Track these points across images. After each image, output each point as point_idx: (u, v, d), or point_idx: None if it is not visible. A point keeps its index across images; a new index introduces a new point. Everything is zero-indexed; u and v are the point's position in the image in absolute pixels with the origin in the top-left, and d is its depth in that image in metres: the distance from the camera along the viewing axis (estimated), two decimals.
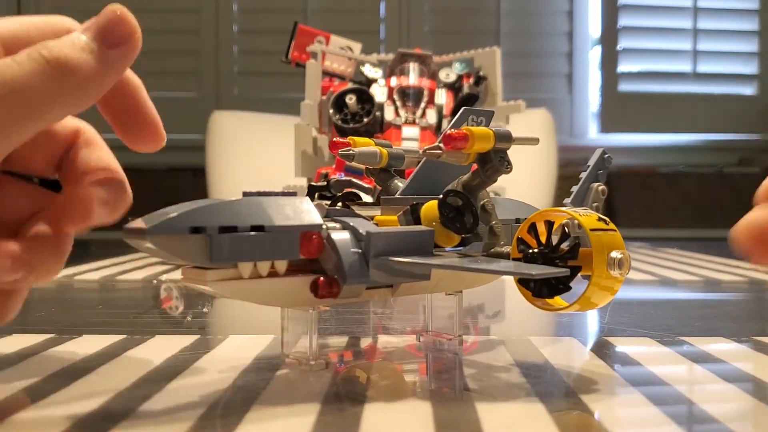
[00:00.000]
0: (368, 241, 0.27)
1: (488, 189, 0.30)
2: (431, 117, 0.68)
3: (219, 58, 1.74)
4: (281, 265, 0.26)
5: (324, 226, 0.27)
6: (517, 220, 0.32)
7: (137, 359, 0.31)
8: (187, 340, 0.34)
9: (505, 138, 0.29)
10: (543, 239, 0.28)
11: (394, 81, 0.69)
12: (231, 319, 0.44)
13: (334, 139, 0.30)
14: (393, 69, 0.71)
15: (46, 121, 0.24)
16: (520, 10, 1.78)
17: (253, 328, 0.40)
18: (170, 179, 1.68)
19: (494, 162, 0.28)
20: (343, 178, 0.32)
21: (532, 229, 0.28)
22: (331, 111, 0.67)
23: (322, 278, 0.27)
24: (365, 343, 0.35)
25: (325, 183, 0.32)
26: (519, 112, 0.68)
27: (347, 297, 0.27)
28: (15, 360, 0.30)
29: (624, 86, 1.81)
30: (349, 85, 0.70)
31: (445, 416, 0.23)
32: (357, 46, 0.75)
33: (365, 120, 0.66)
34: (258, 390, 0.25)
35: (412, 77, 0.69)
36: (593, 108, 1.83)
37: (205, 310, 0.45)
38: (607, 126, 1.81)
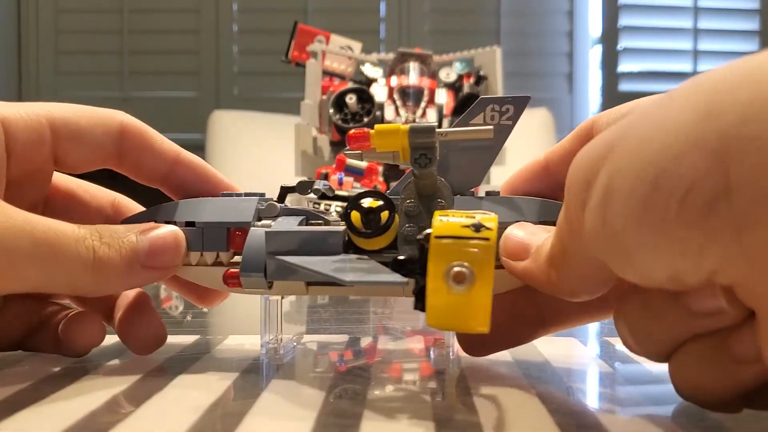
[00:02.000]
0: (266, 240, 0.27)
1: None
2: (431, 117, 0.68)
3: (219, 57, 1.74)
4: (225, 256, 0.30)
5: (254, 224, 0.29)
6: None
7: (137, 359, 0.31)
8: (187, 340, 0.34)
9: (422, 132, 0.26)
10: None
11: (394, 80, 0.69)
12: (231, 320, 0.44)
13: (352, 131, 0.28)
14: (393, 68, 0.71)
15: (43, 289, 0.28)
16: (520, 9, 1.78)
17: (253, 328, 0.40)
18: None
19: (411, 160, 0.26)
20: (307, 181, 0.31)
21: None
22: (331, 111, 0.67)
23: (230, 270, 0.29)
24: (365, 342, 0.35)
25: (294, 185, 0.31)
26: None
27: (252, 288, 0.28)
28: (14, 360, 0.30)
29: (624, 86, 1.81)
30: (350, 85, 0.70)
31: (444, 416, 0.23)
32: (357, 46, 0.75)
33: (365, 119, 0.66)
34: (258, 390, 0.25)
35: (413, 77, 0.69)
36: (593, 108, 1.83)
37: (205, 309, 0.45)
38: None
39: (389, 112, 0.67)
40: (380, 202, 0.27)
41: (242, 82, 1.75)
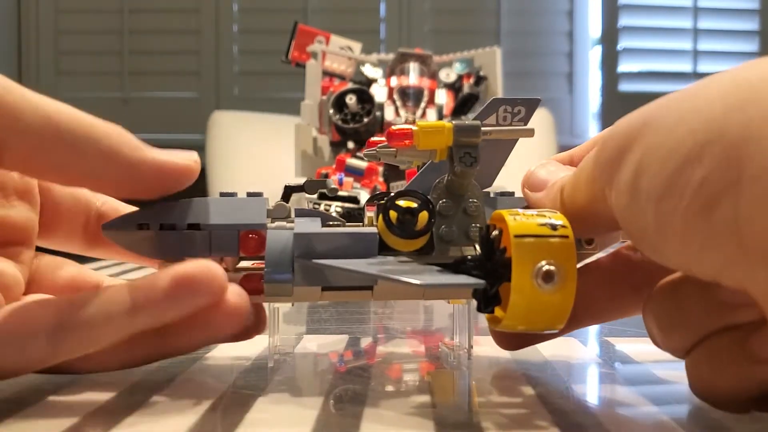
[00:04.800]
0: (294, 242, 0.26)
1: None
2: (431, 117, 0.68)
3: (219, 58, 1.74)
4: (230, 261, 0.28)
5: (269, 226, 0.27)
6: None
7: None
8: None
9: (469, 131, 0.26)
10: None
11: (394, 81, 0.69)
12: None
13: (394, 127, 0.26)
14: (393, 69, 0.71)
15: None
16: (520, 9, 1.78)
17: None
18: None
19: (455, 159, 0.26)
20: (316, 180, 0.29)
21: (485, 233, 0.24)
22: (331, 111, 0.67)
23: (247, 275, 0.27)
24: (365, 342, 0.35)
25: (301, 185, 0.29)
26: None
27: (274, 295, 0.26)
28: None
29: (624, 86, 1.81)
30: (350, 85, 0.70)
31: (445, 417, 0.23)
32: (357, 46, 0.75)
33: (365, 120, 0.66)
34: (258, 391, 0.25)
35: (412, 77, 0.69)
36: (593, 108, 1.83)
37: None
38: (608, 126, 1.81)
39: (389, 113, 0.67)
40: (418, 203, 0.26)
41: (242, 83, 1.75)
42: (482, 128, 0.26)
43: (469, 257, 0.24)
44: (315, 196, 0.30)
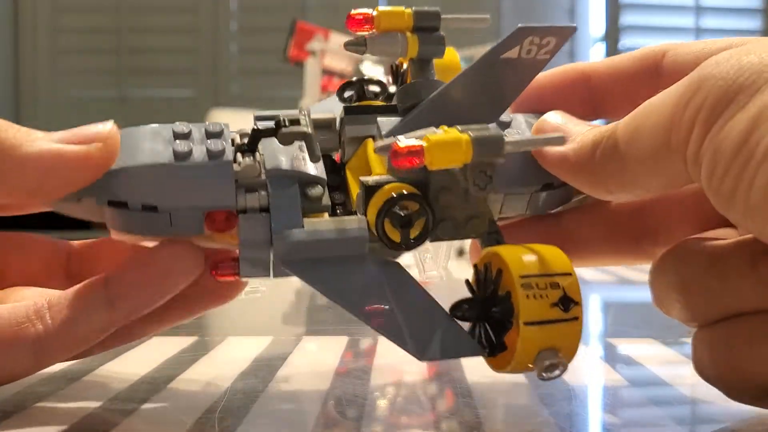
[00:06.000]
0: (273, 244, 0.22)
1: None
2: None
3: (217, 56, 1.74)
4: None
5: (238, 204, 0.23)
6: (545, 186, 0.25)
7: (135, 360, 0.30)
8: (186, 341, 0.34)
9: (491, 145, 0.21)
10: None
11: None
12: (230, 321, 0.44)
13: (353, 12, 0.24)
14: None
15: None
16: (520, 7, 1.78)
17: (251, 329, 0.40)
18: None
19: (468, 179, 0.22)
20: (292, 132, 0.23)
21: (485, 269, 0.22)
22: None
23: (217, 261, 0.24)
24: (365, 344, 0.35)
25: (273, 129, 0.24)
26: None
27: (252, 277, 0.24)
28: None
29: None
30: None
31: (446, 418, 0.22)
32: None
33: None
34: (256, 393, 0.25)
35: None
36: None
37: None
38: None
39: None
40: (417, 207, 0.22)
41: (240, 81, 1.75)
42: (506, 141, 0.21)
43: (465, 302, 0.22)
44: (304, 152, 0.24)
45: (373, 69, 0.71)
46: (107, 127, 0.22)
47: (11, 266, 0.27)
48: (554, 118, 0.23)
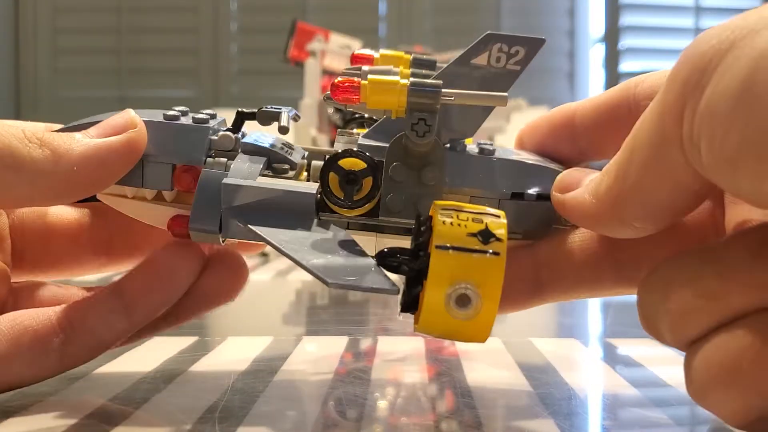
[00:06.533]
0: (223, 193, 0.23)
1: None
2: None
3: (217, 56, 1.74)
4: (168, 193, 0.25)
5: (206, 161, 0.24)
6: (514, 195, 0.24)
7: (135, 360, 0.30)
8: (186, 341, 0.34)
9: (425, 93, 0.21)
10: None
11: None
12: (229, 321, 0.44)
13: (339, 79, 0.23)
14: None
15: None
16: (520, 8, 1.78)
17: (251, 329, 0.39)
18: None
19: (406, 125, 0.22)
20: (270, 110, 0.26)
21: (418, 221, 0.21)
22: (330, 110, 0.67)
23: (177, 216, 0.24)
24: (365, 344, 0.35)
25: (254, 111, 0.26)
26: (520, 110, 0.68)
27: (203, 241, 0.24)
28: None
29: None
30: None
31: (446, 418, 0.22)
32: (357, 44, 0.75)
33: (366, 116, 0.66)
34: (256, 393, 0.25)
35: None
36: None
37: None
38: None
39: None
40: (363, 165, 0.23)
41: (241, 82, 1.75)
42: (444, 91, 0.22)
43: (398, 250, 0.21)
44: (282, 134, 0.26)
45: None
46: (131, 113, 0.24)
47: (32, 246, 0.28)
48: (574, 171, 0.23)
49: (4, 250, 0.27)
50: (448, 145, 0.24)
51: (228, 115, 0.27)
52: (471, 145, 0.25)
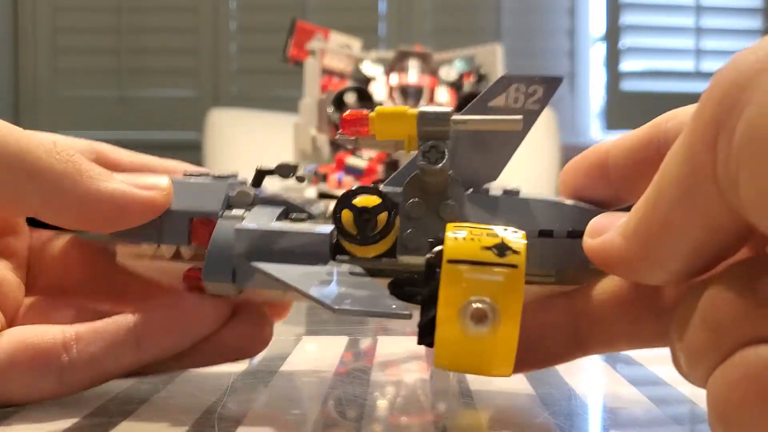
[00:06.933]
0: (236, 239, 0.23)
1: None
2: None
3: (217, 55, 1.74)
4: (186, 250, 0.24)
5: (222, 214, 0.24)
6: (545, 233, 0.23)
7: None
8: None
9: (435, 119, 0.21)
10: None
11: (394, 78, 0.69)
12: None
13: (347, 113, 0.23)
14: (393, 66, 0.71)
15: None
16: (521, 7, 1.78)
17: None
18: None
19: (419, 152, 0.21)
20: (288, 164, 0.26)
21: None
22: (330, 109, 0.67)
23: (192, 269, 0.24)
24: (365, 344, 0.35)
25: (273, 168, 0.26)
26: None
27: (218, 293, 0.24)
28: None
29: (626, 85, 1.81)
30: (349, 83, 0.70)
31: (445, 418, 0.22)
32: (357, 43, 0.74)
33: None
34: (256, 393, 0.25)
35: (412, 75, 0.69)
36: (595, 107, 1.83)
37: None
38: (610, 124, 1.81)
39: None
40: (377, 202, 0.22)
41: (240, 81, 1.75)
42: (454, 117, 0.22)
43: (412, 279, 0.20)
44: (300, 182, 0.26)
45: (373, 68, 0.70)
46: (165, 180, 0.24)
47: (51, 270, 0.28)
48: (601, 217, 0.21)
49: (21, 267, 0.27)
50: (470, 190, 0.23)
51: (228, 115, 0.27)
52: (495, 190, 0.24)
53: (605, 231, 0.20)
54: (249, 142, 1.37)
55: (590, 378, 0.29)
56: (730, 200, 0.15)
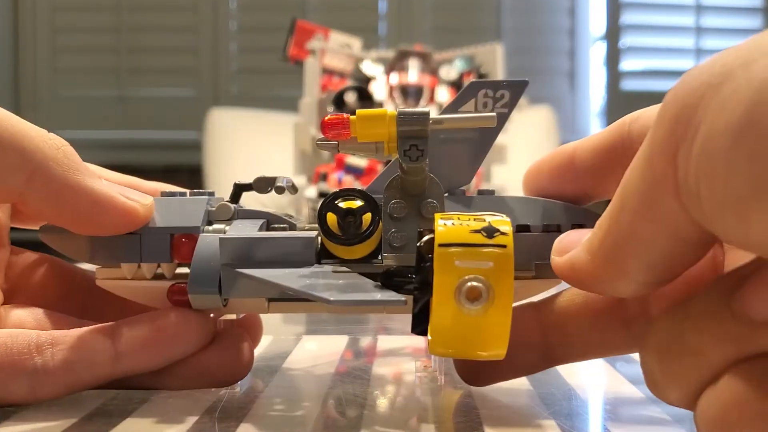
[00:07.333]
0: (221, 249, 0.23)
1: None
2: (432, 114, 0.67)
3: (217, 55, 1.74)
4: (167, 268, 0.25)
5: (204, 229, 0.24)
6: (522, 228, 0.24)
7: None
8: None
9: (413, 119, 0.22)
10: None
11: (394, 78, 0.69)
12: None
13: (327, 117, 0.23)
14: (393, 66, 0.71)
15: None
16: (521, 6, 1.78)
17: None
18: (167, 179, 1.66)
19: (399, 152, 0.22)
20: (266, 177, 0.26)
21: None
22: (330, 109, 0.67)
23: (176, 284, 0.24)
24: (365, 343, 0.35)
25: (250, 182, 0.26)
26: (520, 109, 0.68)
27: (203, 307, 0.24)
28: None
29: (627, 84, 1.81)
30: (349, 83, 0.70)
31: (445, 418, 0.22)
32: (357, 42, 0.74)
33: None
34: (256, 392, 0.25)
35: (412, 74, 0.69)
36: (596, 106, 1.83)
37: None
38: (610, 124, 1.81)
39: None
40: (361, 203, 0.23)
41: (241, 80, 1.75)
42: (433, 117, 0.22)
43: (404, 269, 0.21)
44: (278, 194, 0.27)
45: (373, 68, 0.71)
46: (149, 199, 0.24)
47: (27, 288, 0.28)
48: (572, 233, 0.22)
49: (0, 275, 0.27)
50: (446, 194, 0.24)
51: (228, 115, 0.27)
52: (470, 193, 0.25)
53: (571, 248, 0.20)
54: (249, 141, 1.37)
55: (591, 377, 0.29)
56: (693, 213, 0.16)
